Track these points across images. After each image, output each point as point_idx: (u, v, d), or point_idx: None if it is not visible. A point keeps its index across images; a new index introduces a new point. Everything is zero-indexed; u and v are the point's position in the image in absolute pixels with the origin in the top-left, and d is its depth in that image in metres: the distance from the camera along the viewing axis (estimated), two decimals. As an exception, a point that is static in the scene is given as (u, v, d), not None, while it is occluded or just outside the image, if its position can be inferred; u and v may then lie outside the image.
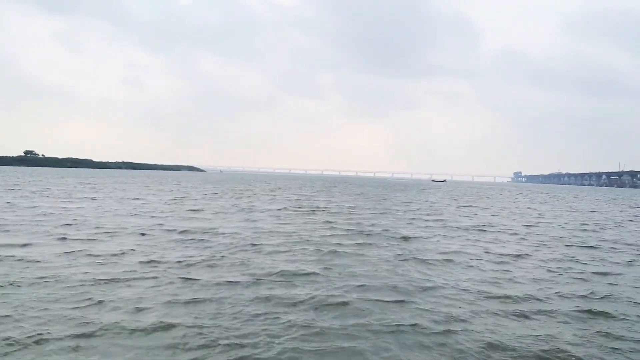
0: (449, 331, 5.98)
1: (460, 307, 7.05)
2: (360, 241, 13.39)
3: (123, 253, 10.30)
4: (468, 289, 8.18)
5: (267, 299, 7.10)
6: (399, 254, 11.46)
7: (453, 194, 57.58)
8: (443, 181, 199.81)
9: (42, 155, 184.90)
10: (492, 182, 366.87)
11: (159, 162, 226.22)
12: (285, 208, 24.50)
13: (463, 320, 6.43)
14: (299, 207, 25.28)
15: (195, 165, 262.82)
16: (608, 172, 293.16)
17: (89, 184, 47.94)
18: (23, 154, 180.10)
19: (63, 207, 20.70)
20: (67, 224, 14.87)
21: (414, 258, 10.99)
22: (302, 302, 7.01)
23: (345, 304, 6.97)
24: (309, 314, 6.45)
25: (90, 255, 9.96)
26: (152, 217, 18.06)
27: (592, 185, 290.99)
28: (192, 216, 18.93)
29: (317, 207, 26.25)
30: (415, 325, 6.14)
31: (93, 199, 26.84)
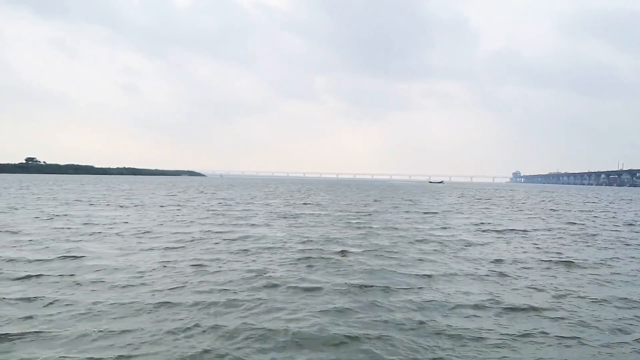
0: None
1: None
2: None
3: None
4: None
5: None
6: None
7: (468, 195, 57.84)
8: (440, 182, 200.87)
9: (44, 162, 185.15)
10: (491, 183, 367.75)
11: (160, 167, 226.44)
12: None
13: None
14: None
15: (195, 169, 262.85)
16: (607, 171, 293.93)
17: (115, 190, 48.32)
18: (24, 161, 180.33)
19: (114, 215, 21.08)
20: (137, 234, 15.22)
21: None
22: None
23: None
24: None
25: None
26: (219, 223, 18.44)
27: (592, 184, 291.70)
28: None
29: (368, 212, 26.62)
30: None
31: (136, 205, 27.35)
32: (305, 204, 33.14)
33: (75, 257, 10.83)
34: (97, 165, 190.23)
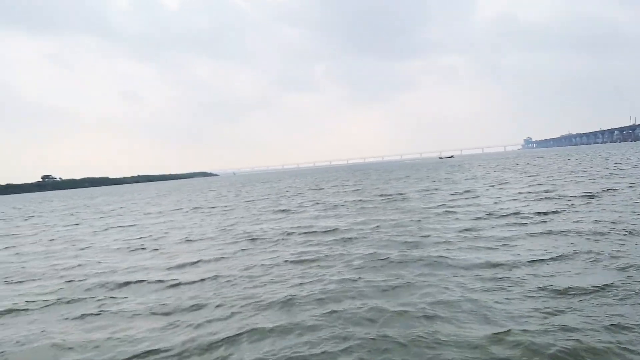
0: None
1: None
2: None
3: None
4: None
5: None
6: None
7: (492, 167, 57.55)
8: (450, 157, 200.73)
9: (60, 178, 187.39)
10: (503, 152, 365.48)
11: (173, 172, 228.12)
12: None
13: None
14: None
15: (207, 170, 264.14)
16: (620, 127, 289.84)
17: (146, 198, 48.96)
18: (41, 179, 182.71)
19: (157, 222, 21.45)
20: (187, 239, 15.55)
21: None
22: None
23: None
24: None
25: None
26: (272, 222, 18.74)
27: (606, 142, 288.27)
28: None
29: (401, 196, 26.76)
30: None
31: (179, 209, 27.76)
32: (337, 192, 33.30)
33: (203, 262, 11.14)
34: (112, 176, 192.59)
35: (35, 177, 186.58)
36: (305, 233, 14.54)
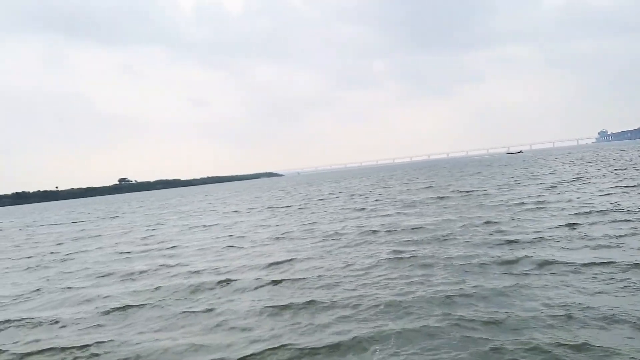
0: None
1: None
2: None
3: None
4: None
5: None
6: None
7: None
8: (519, 152, 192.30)
9: (135, 180, 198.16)
10: (575, 146, 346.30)
11: (239, 173, 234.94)
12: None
13: None
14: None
15: (272, 170, 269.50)
16: None
17: (217, 199, 50.77)
18: (117, 182, 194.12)
19: (247, 220, 22.07)
20: (275, 237, 15.81)
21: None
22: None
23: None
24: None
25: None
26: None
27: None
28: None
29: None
30: None
31: (254, 208, 28.46)
32: (409, 189, 32.69)
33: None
34: (182, 178, 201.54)
35: (112, 180, 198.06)
36: (391, 231, 14.35)
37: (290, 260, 11.34)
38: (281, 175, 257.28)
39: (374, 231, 14.71)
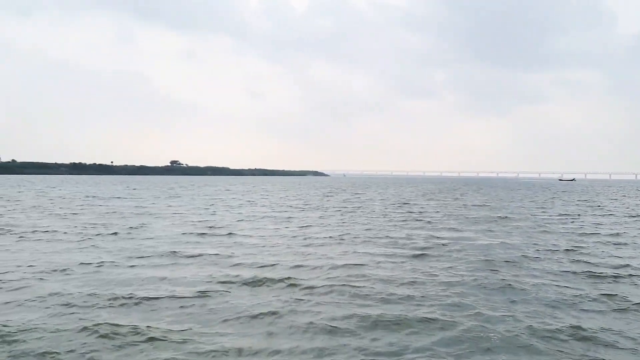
0: None
1: None
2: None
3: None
4: None
5: None
6: None
7: None
8: (572, 180, 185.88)
9: (186, 164, 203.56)
10: (634, 180, 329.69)
11: (286, 168, 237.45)
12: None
13: None
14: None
15: (318, 170, 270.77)
16: None
17: (273, 192, 51.52)
18: (169, 164, 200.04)
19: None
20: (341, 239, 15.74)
21: None
22: None
23: None
24: None
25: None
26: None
27: None
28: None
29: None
30: None
31: (306, 206, 28.64)
32: (464, 205, 31.87)
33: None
34: (231, 167, 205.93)
35: (165, 162, 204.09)
36: (463, 248, 13.87)
37: (361, 265, 11.09)
38: (327, 175, 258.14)
39: (443, 244, 14.39)
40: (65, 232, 16.16)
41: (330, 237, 15.88)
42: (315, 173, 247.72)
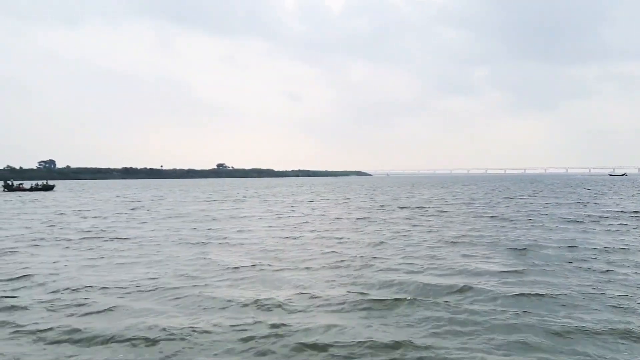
0: None
1: None
2: None
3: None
4: None
5: None
6: None
7: None
8: (623, 174, 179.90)
9: (232, 167, 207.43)
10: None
11: (329, 169, 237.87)
12: None
13: None
14: None
15: (361, 169, 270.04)
16: None
17: (328, 192, 51.36)
18: (216, 167, 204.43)
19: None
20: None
21: None
22: None
23: None
24: None
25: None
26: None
27: None
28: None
29: None
30: None
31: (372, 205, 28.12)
32: (547, 203, 30.33)
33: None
34: (275, 169, 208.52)
35: (211, 165, 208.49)
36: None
37: (504, 272, 10.51)
38: (370, 175, 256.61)
39: (543, 245, 13.47)
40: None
41: (434, 240, 15.25)
42: (358, 173, 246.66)
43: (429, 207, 29.20)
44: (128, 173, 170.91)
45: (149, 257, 12.34)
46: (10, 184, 65.78)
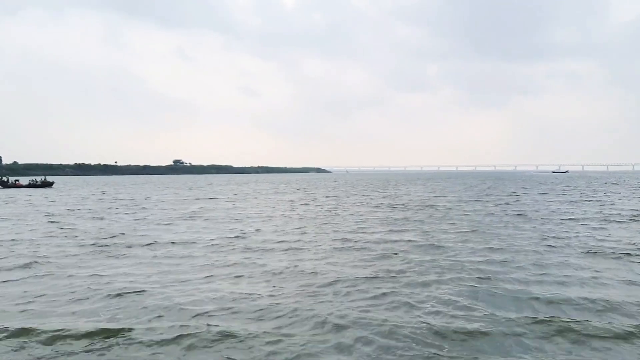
0: None
1: None
2: None
3: None
4: None
5: None
6: None
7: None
8: (565, 172, 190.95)
9: (189, 163, 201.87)
10: (631, 171, 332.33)
11: (288, 166, 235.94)
12: None
13: None
14: None
15: (319, 166, 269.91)
16: None
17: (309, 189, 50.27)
18: (172, 163, 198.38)
19: None
20: None
21: None
22: None
23: None
24: None
25: None
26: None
27: None
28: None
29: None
30: None
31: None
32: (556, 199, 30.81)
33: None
34: (234, 165, 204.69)
35: (167, 161, 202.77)
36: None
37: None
38: (329, 172, 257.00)
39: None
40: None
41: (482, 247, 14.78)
42: (318, 169, 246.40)
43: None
44: (81, 169, 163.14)
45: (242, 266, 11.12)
46: (6, 180, 61.71)
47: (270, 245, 13.87)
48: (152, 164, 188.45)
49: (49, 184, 62.52)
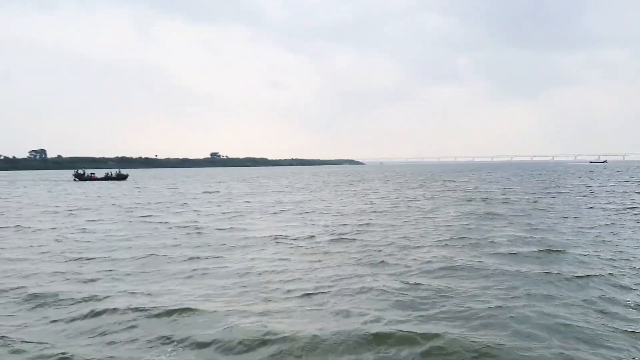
0: None
1: None
2: None
3: None
4: None
5: None
6: None
7: None
8: (603, 162, 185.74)
9: (226, 156, 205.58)
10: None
11: (322, 158, 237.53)
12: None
13: None
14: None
15: (353, 158, 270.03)
16: None
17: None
18: (210, 156, 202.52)
19: None
20: None
21: None
22: None
23: None
24: None
25: None
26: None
27: None
28: None
29: None
30: None
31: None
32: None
33: None
34: (269, 158, 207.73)
35: (205, 154, 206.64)
36: None
37: None
38: (362, 163, 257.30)
39: None
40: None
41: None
42: (351, 162, 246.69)
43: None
44: (124, 162, 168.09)
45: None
46: (82, 173, 63.47)
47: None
48: (190, 157, 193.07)
49: (123, 177, 63.94)
